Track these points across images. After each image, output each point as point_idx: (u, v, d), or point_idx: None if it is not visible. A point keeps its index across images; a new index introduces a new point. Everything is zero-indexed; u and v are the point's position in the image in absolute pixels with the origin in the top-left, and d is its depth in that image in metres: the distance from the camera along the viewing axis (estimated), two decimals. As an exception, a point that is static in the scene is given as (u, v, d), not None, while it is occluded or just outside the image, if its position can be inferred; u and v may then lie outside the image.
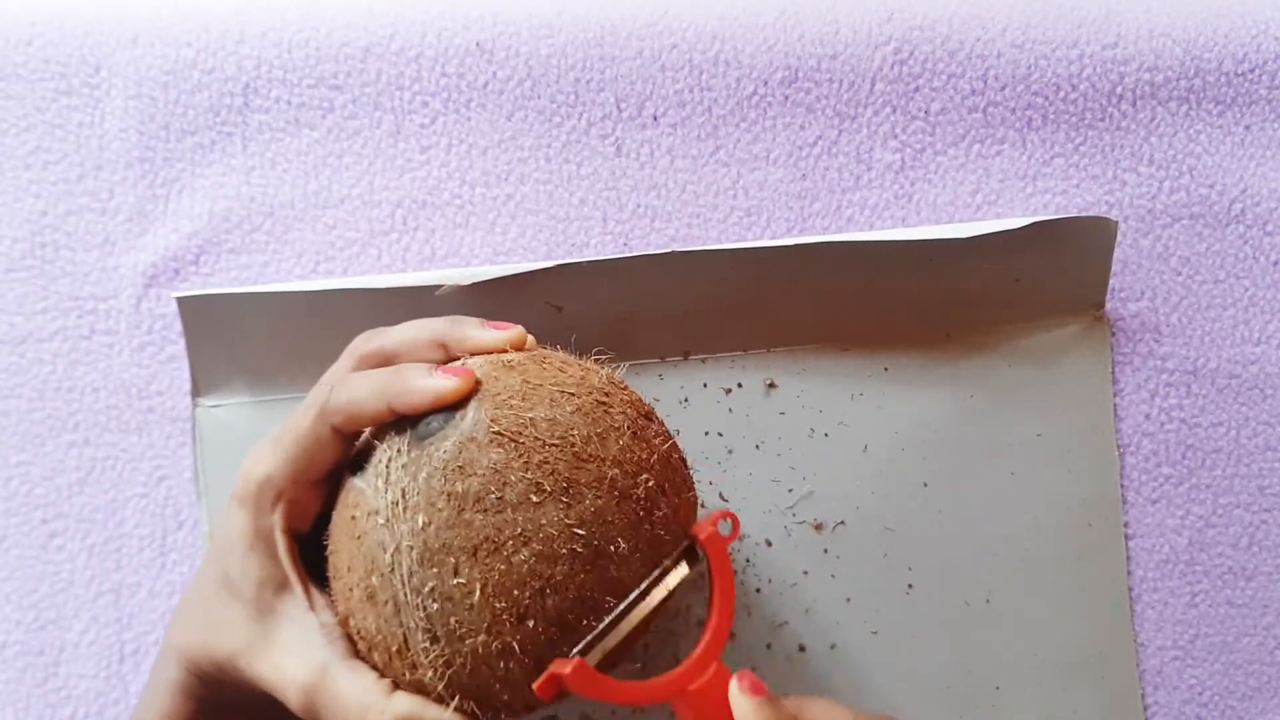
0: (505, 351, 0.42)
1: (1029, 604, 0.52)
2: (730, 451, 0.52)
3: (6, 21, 0.51)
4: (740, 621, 0.51)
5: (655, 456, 0.39)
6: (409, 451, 0.38)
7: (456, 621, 0.37)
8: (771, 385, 0.52)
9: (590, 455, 0.38)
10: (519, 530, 0.36)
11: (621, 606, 0.37)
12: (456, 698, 0.38)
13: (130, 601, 0.50)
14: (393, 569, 0.37)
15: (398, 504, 0.38)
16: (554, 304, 0.50)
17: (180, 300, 0.50)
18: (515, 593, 0.36)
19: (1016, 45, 0.54)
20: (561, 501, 0.37)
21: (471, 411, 0.38)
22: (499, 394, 0.39)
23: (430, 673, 0.37)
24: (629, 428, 0.39)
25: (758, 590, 0.51)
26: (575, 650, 0.37)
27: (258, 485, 0.40)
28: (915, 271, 0.51)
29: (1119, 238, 0.53)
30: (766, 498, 0.52)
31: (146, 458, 0.51)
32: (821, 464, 0.52)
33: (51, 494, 0.51)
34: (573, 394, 0.39)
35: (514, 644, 0.36)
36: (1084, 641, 0.52)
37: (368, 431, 0.41)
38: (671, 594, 0.39)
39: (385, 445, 0.39)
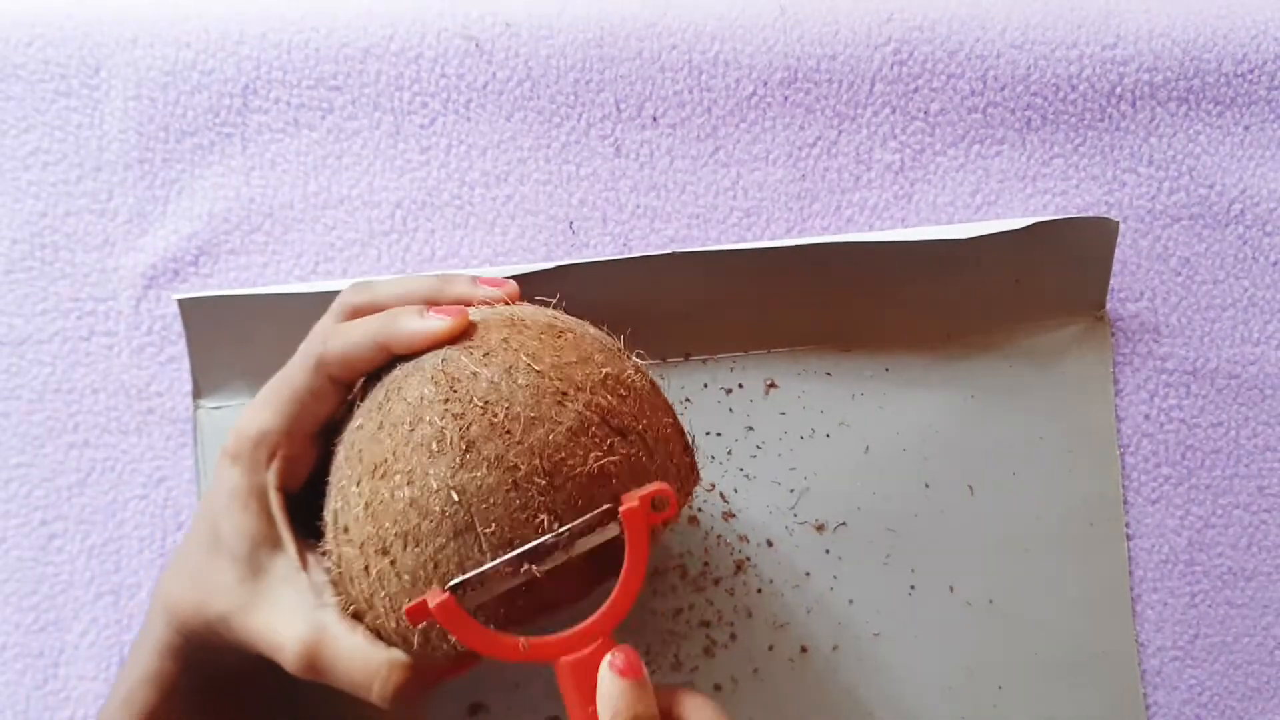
0: (507, 303, 0.42)
1: (1031, 604, 0.52)
2: (730, 452, 0.52)
3: (6, 22, 0.51)
4: (741, 622, 0.51)
5: (583, 469, 0.37)
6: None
7: (344, 525, 0.38)
8: (772, 385, 0.52)
9: (505, 430, 0.36)
10: (409, 468, 0.36)
11: (515, 553, 0.36)
12: (342, 597, 0.39)
13: (130, 603, 0.50)
14: (334, 456, 0.40)
15: (354, 403, 0.40)
16: (554, 305, 0.50)
17: (181, 303, 0.50)
18: (387, 524, 0.36)
19: (1016, 45, 0.54)
20: (455, 461, 0.36)
21: (445, 347, 0.39)
22: (472, 342, 0.39)
23: (329, 561, 0.39)
24: (572, 429, 0.37)
25: (759, 591, 0.51)
26: (451, 583, 0.36)
27: (252, 441, 0.40)
28: (916, 272, 0.51)
29: (1118, 238, 0.53)
30: (767, 498, 0.52)
31: (146, 459, 0.51)
32: (823, 464, 0.52)
33: (51, 495, 0.51)
34: (539, 372, 0.38)
35: (375, 570, 0.37)
36: (1086, 642, 0.52)
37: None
38: (584, 557, 0.38)
39: None
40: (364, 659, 0.37)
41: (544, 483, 0.36)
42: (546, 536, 0.36)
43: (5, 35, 0.51)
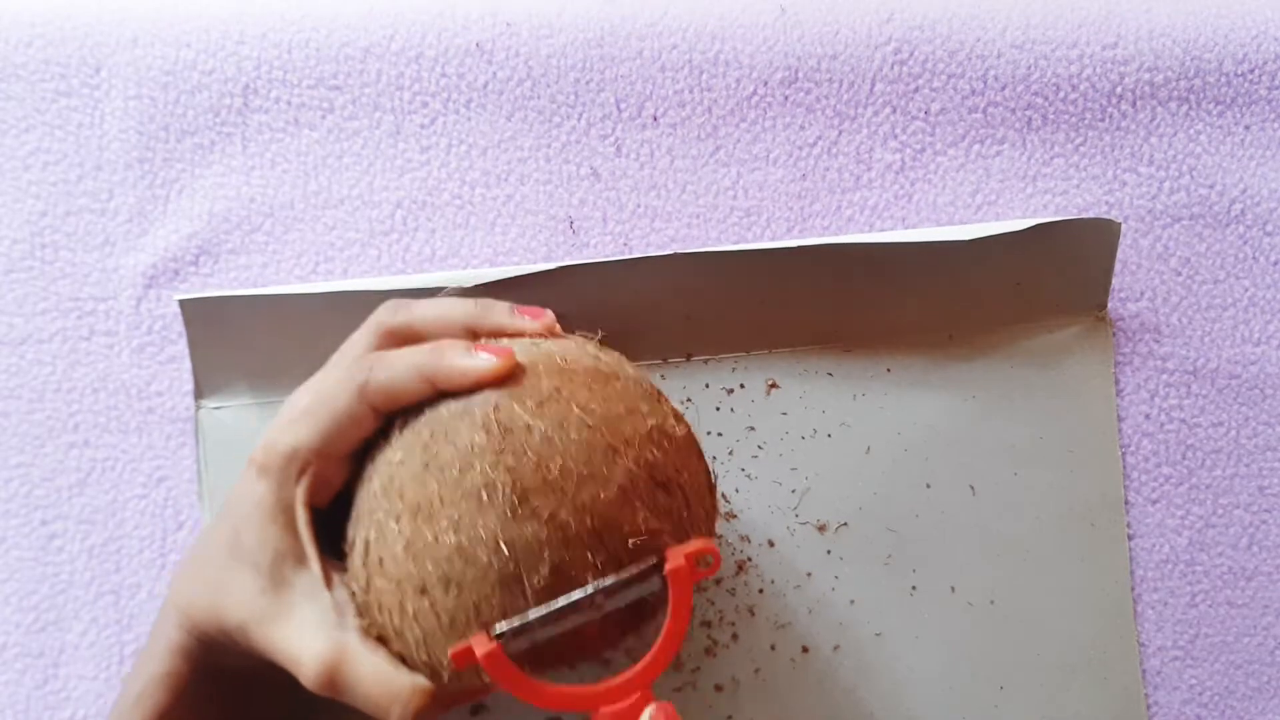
0: (546, 336, 0.42)
1: (1032, 605, 0.52)
2: (732, 453, 0.52)
3: (6, 22, 0.51)
4: (744, 622, 0.51)
5: (631, 527, 0.37)
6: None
7: (379, 557, 0.38)
8: (773, 386, 0.52)
9: (558, 487, 0.36)
10: (457, 515, 0.36)
11: (561, 603, 0.36)
12: (369, 623, 0.39)
13: (130, 603, 0.50)
14: (366, 482, 0.39)
15: (392, 431, 0.39)
16: (555, 306, 0.50)
17: (183, 303, 0.49)
18: (429, 565, 0.36)
19: (1016, 45, 0.54)
20: (505, 513, 0.36)
21: (491, 390, 0.38)
22: (523, 390, 0.38)
23: (355, 585, 0.39)
24: (623, 487, 0.37)
25: (760, 591, 0.51)
26: (498, 632, 0.36)
27: (284, 457, 0.39)
28: (918, 273, 0.51)
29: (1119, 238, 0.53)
30: (769, 498, 0.51)
31: (146, 459, 0.51)
32: (824, 465, 0.52)
33: (51, 495, 0.50)
34: (591, 426, 0.37)
35: (412, 608, 0.37)
36: (1087, 642, 0.52)
37: None
38: (628, 608, 0.38)
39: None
40: (385, 682, 0.37)
41: (593, 540, 0.36)
42: (590, 589, 0.36)
43: (5, 35, 0.51)
